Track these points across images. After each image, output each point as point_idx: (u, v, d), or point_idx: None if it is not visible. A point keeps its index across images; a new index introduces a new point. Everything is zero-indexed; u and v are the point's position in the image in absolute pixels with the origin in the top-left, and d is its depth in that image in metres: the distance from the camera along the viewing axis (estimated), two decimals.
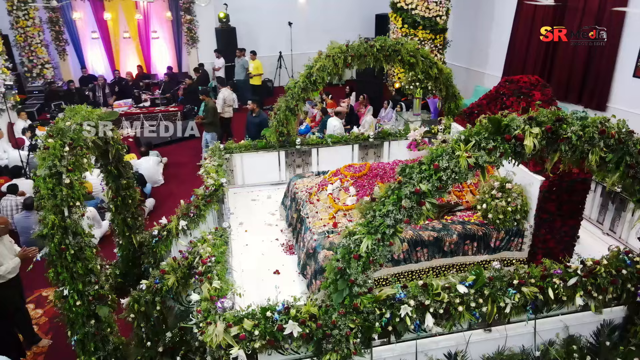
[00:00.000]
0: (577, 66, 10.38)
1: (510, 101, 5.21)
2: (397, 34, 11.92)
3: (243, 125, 9.61)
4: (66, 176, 3.91)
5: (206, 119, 9.19)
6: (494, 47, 12.74)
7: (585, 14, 9.99)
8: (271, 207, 6.52)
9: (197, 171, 6.16)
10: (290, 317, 3.45)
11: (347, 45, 6.52)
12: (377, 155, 7.30)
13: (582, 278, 3.95)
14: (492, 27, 12.82)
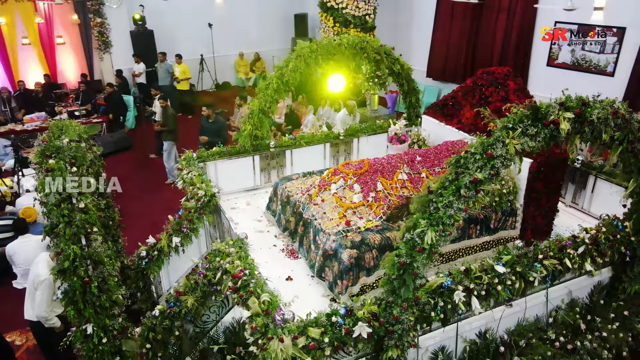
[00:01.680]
0: (496, 58, 11.39)
1: (490, 91, 5.60)
2: (328, 32, 12.11)
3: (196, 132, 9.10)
4: (78, 199, 3.47)
5: (166, 127, 8.57)
6: (418, 43, 13.48)
7: (501, 9, 10.99)
8: (254, 214, 6.31)
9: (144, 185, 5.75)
10: (359, 318, 3.42)
11: (317, 44, 6.49)
12: (347, 152, 7.40)
13: (588, 246, 4.40)
14: (413, 24, 13.56)
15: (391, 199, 5.19)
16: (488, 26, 11.35)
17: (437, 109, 6.52)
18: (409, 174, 5.44)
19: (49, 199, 3.38)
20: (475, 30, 11.76)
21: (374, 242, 4.61)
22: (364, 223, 4.90)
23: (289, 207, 5.62)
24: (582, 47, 9.80)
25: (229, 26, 16.11)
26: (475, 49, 11.89)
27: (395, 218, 5.00)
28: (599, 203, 5.96)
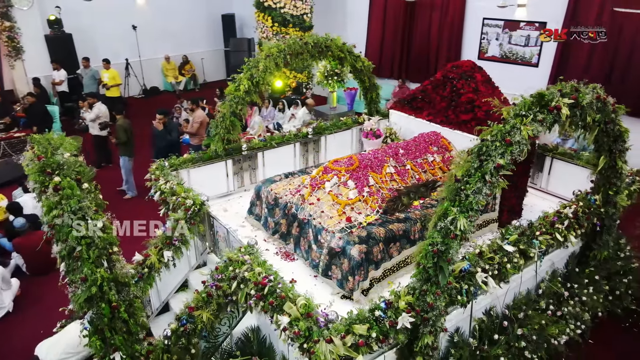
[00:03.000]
0: (431, 53, 12.02)
1: (461, 83, 5.92)
2: (267, 32, 12.01)
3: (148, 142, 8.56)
4: (94, 218, 3.17)
5: (118, 140, 7.92)
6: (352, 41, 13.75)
7: (434, 7, 11.60)
8: (234, 219, 6.10)
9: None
10: (400, 309, 3.48)
11: (285, 44, 6.43)
12: (316, 151, 7.42)
13: (571, 220, 4.84)
14: (347, 23, 13.84)
15: (383, 193, 5.32)
16: (422, 23, 11.93)
17: (406, 104, 6.75)
18: (395, 167, 5.60)
19: (63, 221, 3.04)
20: (409, 27, 12.30)
21: (380, 236, 4.70)
22: (363, 218, 4.97)
23: (278, 210, 5.53)
24: (509, 41, 10.65)
25: (154, 28, 15.34)
26: (410, 45, 12.43)
27: (392, 210, 5.13)
28: (556, 182, 6.54)
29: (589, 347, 5.09)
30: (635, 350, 5.14)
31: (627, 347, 5.19)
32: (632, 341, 5.25)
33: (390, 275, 4.91)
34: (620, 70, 9.06)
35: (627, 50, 8.91)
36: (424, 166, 5.78)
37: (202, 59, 16.72)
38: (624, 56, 9.01)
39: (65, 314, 5.39)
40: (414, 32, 12.23)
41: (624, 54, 9.00)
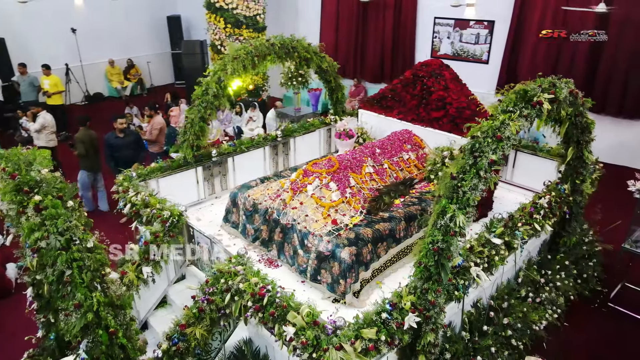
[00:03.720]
0: (386, 52, 12.20)
1: (431, 81, 6.02)
2: (219, 34, 11.72)
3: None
4: (82, 238, 2.93)
5: (78, 153, 7.34)
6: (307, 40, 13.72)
7: (386, 7, 11.78)
8: (209, 228, 5.87)
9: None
10: (405, 310, 3.47)
11: (252, 46, 6.27)
12: (285, 153, 7.31)
13: (546, 210, 5.04)
14: (299, 23, 13.78)
15: (364, 193, 5.31)
16: (376, 23, 12.07)
17: (375, 103, 6.79)
18: (374, 166, 5.62)
19: (49, 243, 2.78)
20: (362, 27, 12.42)
21: (368, 236, 4.69)
22: (349, 219, 4.94)
23: (258, 216, 5.38)
24: (460, 40, 11.01)
25: (96, 31, 14.55)
26: (364, 45, 12.55)
27: (375, 210, 5.13)
28: (520, 174, 6.81)
29: (565, 330, 5.33)
30: (606, 329, 5.44)
31: (599, 326, 5.48)
32: (602, 321, 5.55)
33: (378, 275, 4.91)
34: (566, 66, 9.59)
35: (571, 46, 9.45)
36: (400, 164, 5.83)
37: (148, 62, 16.06)
38: (568, 52, 9.55)
39: (33, 343, 4.96)
40: (367, 32, 12.37)
41: (568, 50, 9.54)
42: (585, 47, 9.26)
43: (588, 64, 9.35)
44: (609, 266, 6.23)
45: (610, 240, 6.37)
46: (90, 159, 7.40)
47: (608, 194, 6.75)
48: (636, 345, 5.20)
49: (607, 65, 9.17)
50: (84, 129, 7.41)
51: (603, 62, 9.23)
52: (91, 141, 7.37)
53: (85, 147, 7.28)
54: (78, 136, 7.32)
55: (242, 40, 11.71)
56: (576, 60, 9.48)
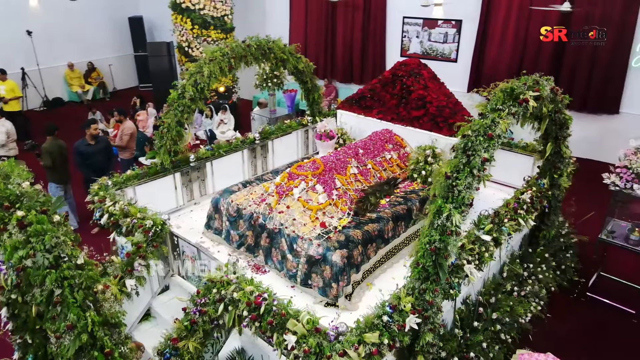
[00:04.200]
0: (355, 52, 12.23)
1: (410, 81, 6.05)
2: (186, 35, 11.43)
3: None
4: (71, 254, 2.76)
5: (44, 164, 6.90)
6: None
7: (356, 7, 11.81)
8: (191, 235, 5.68)
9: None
10: (405, 311, 3.45)
11: (228, 48, 6.13)
12: (264, 156, 7.19)
13: (528, 204, 5.15)
14: (266, 24, 13.63)
15: (350, 194, 5.28)
16: (345, 23, 12.08)
17: (354, 103, 6.77)
18: (358, 167, 5.59)
19: (36, 262, 2.60)
20: (332, 27, 12.41)
21: (358, 238, 4.65)
22: (337, 222, 4.89)
23: (242, 221, 5.26)
24: (429, 39, 11.17)
25: (53, 33, 13.94)
26: (334, 45, 12.54)
27: (362, 211, 5.10)
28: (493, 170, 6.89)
29: (549, 321, 5.46)
30: (586, 318, 5.61)
31: (580, 316, 5.65)
32: (582, 310, 5.73)
33: (368, 277, 4.88)
34: (531, 63, 9.87)
35: (536, 44, 9.74)
36: (383, 164, 5.83)
37: (110, 65, 15.52)
38: (533, 49, 9.84)
39: None
40: (337, 32, 12.37)
41: (533, 48, 9.83)
42: (549, 44, 9.55)
43: (552, 61, 9.66)
44: (584, 257, 6.44)
45: (584, 231, 6.59)
46: (58, 170, 6.99)
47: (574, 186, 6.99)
48: (617, 333, 5.39)
49: (570, 62, 9.50)
50: (52, 138, 7.02)
51: (566, 59, 9.56)
52: (60, 152, 6.97)
53: (53, 158, 6.88)
54: (45, 147, 6.91)
55: (210, 42, 11.50)
56: (541, 57, 9.78)
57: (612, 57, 9.14)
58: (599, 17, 8.99)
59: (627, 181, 5.15)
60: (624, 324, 5.50)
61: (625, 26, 8.88)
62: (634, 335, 5.34)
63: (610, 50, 9.11)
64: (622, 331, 5.41)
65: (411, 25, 11.31)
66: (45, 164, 6.83)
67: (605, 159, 9.49)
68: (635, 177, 5.13)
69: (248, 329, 3.68)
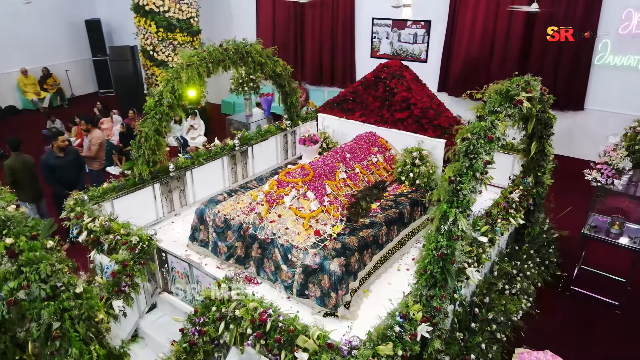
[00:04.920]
0: (325, 53, 12.16)
1: (394, 83, 6.01)
2: (151, 39, 11.03)
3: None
4: (69, 283, 2.54)
5: (8, 180, 6.33)
6: None
7: (324, 8, 11.73)
8: (174, 248, 5.42)
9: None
10: (415, 320, 3.38)
11: (205, 52, 5.90)
12: (244, 162, 6.99)
13: (517, 203, 5.21)
14: (233, 26, 13.34)
15: (341, 200, 5.19)
16: (314, 25, 11.98)
17: (335, 106, 6.68)
18: (346, 171, 5.50)
19: (30, 294, 2.37)
20: (300, 29, 12.28)
21: (354, 245, 4.57)
22: (331, 229, 4.79)
23: (231, 232, 5.07)
24: (399, 39, 11.23)
25: (3, 38, 13.16)
26: (303, 47, 12.42)
27: (355, 217, 5.01)
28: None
29: (537, 317, 5.55)
30: (572, 311, 5.75)
31: (566, 309, 5.78)
32: (568, 303, 5.86)
33: (364, 283, 4.80)
34: (498, 62, 10.10)
35: (503, 43, 9.96)
36: (370, 168, 5.77)
37: (66, 70, 14.81)
38: (500, 49, 10.05)
39: None
40: (305, 33, 12.26)
41: (500, 47, 10.04)
42: (516, 43, 9.79)
43: (520, 60, 9.90)
44: (564, 251, 6.60)
45: (561, 226, 6.77)
46: (27, 188, 6.47)
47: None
48: (602, 324, 5.53)
49: (537, 61, 9.77)
50: (16, 154, 6.50)
51: (532, 58, 9.82)
52: (27, 168, 6.44)
53: (16, 176, 6.33)
54: (9, 163, 6.35)
55: (177, 45, 11.14)
56: (508, 57, 10.01)
57: (576, 56, 9.46)
58: (562, 16, 9.28)
59: (608, 177, 5.31)
60: (608, 315, 5.66)
61: (588, 25, 9.20)
62: (618, 326, 5.50)
63: (574, 49, 9.42)
64: (607, 322, 5.56)
65: (381, 26, 11.34)
66: (8, 181, 6.31)
67: (572, 154, 9.86)
68: (615, 172, 5.29)
69: (251, 347, 3.52)
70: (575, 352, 5.09)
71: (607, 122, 9.56)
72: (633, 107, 9.16)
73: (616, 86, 9.43)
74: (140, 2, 10.84)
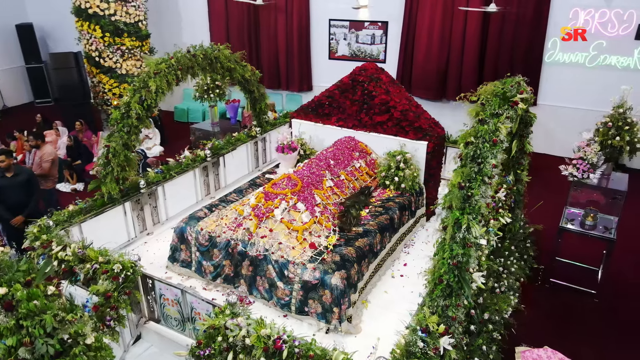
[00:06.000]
0: (281, 56, 11.91)
1: (372, 85, 5.89)
2: (96, 44, 10.32)
3: None
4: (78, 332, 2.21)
5: None
6: None
7: (278, 10, 11.48)
8: (152, 271, 5.06)
9: None
10: (437, 333, 3.27)
11: (173, 59, 5.53)
12: (216, 173, 6.64)
13: (503, 202, 5.26)
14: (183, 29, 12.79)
15: (330, 209, 5.02)
16: (268, 27, 11.70)
17: (310, 111, 6.48)
18: (332, 179, 5.34)
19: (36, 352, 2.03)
20: (255, 32, 11.96)
21: (352, 256, 4.42)
22: (325, 241, 4.60)
23: (217, 250, 4.77)
24: (357, 40, 11.20)
25: None
26: (258, 50, 12.10)
27: (348, 226, 4.86)
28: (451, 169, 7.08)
29: (525, 312, 5.65)
30: (554, 303, 5.91)
31: (548, 302, 5.93)
32: (548, 296, 6.03)
33: (362, 294, 4.66)
34: (456, 62, 10.31)
35: (460, 44, 10.17)
36: (354, 174, 5.64)
37: None
38: (457, 48, 10.25)
39: None
40: (260, 36, 11.95)
41: (457, 47, 10.24)
42: (473, 44, 10.03)
43: (477, 59, 10.15)
44: (538, 245, 6.80)
45: (532, 220, 6.96)
46: None
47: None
48: (583, 313, 5.72)
49: (493, 59, 10.05)
50: None
51: (488, 57, 10.09)
52: None
53: None
54: None
55: (125, 50, 10.50)
56: (466, 56, 10.23)
57: (528, 54, 9.83)
58: (514, 16, 9.60)
59: (584, 171, 5.49)
60: (587, 304, 5.87)
61: (538, 24, 9.59)
62: (598, 314, 5.71)
63: (526, 47, 9.78)
64: (587, 311, 5.76)
65: (338, 27, 11.26)
66: None
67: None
68: (590, 167, 5.48)
69: None
70: (565, 344, 5.22)
71: (559, 116, 10.06)
72: (582, 101, 9.68)
73: (566, 82, 9.90)
74: (82, 5, 10.12)
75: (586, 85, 9.62)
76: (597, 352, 5.17)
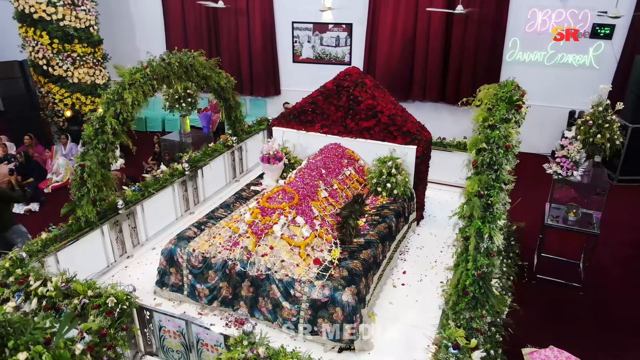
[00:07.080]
0: (243, 59, 11.58)
1: (357, 91, 5.74)
2: (43, 52, 9.58)
3: None
4: None
5: None
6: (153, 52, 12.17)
7: (239, 13, 11.14)
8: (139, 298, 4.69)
9: None
10: (468, 348, 3.17)
11: (148, 68, 5.15)
12: (194, 187, 6.28)
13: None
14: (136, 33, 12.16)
15: (328, 220, 4.84)
16: (229, 30, 11.32)
17: (292, 118, 6.25)
18: (326, 189, 5.16)
19: None
20: (215, 35, 11.55)
21: (360, 269, 4.26)
22: (329, 255, 4.42)
23: (213, 272, 4.47)
24: (321, 43, 11.06)
25: None
26: (219, 54, 11.68)
27: (349, 237, 4.70)
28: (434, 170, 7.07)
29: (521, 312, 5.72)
30: (542, 299, 6.02)
31: (537, 298, 6.04)
32: (536, 292, 6.14)
33: (367, 307, 4.51)
34: (421, 63, 10.39)
35: (424, 45, 10.26)
36: (346, 182, 5.49)
37: None
38: (421, 49, 10.34)
39: None
40: (221, 41, 11.55)
41: (421, 48, 10.33)
42: (437, 45, 10.15)
43: (441, 60, 10.28)
44: (521, 241, 6.93)
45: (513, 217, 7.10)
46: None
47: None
48: (570, 307, 5.86)
49: (456, 59, 10.21)
50: None
51: (452, 57, 10.25)
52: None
53: None
54: None
55: (76, 58, 9.80)
56: (430, 57, 10.34)
57: (490, 53, 10.07)
58: (476, 16, 9.80)
59: (568, 169, 5.61)
60: (573, 298, 6.02)
61: (499, 24, 9.84)
62: (585, 306, 5.87)
63: (488, 47, 10.02)
64: (574, 305, 5.91)
65: (301, 30, 11.07)
66: None
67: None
68: (573, 165, 5.61)
69: None
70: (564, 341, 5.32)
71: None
72: (541, 98, 10.00)
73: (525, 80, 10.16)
74: (25, 10, 9.34)
75: (545, 83, 9.97)
76: (596, 347, 5.28)
